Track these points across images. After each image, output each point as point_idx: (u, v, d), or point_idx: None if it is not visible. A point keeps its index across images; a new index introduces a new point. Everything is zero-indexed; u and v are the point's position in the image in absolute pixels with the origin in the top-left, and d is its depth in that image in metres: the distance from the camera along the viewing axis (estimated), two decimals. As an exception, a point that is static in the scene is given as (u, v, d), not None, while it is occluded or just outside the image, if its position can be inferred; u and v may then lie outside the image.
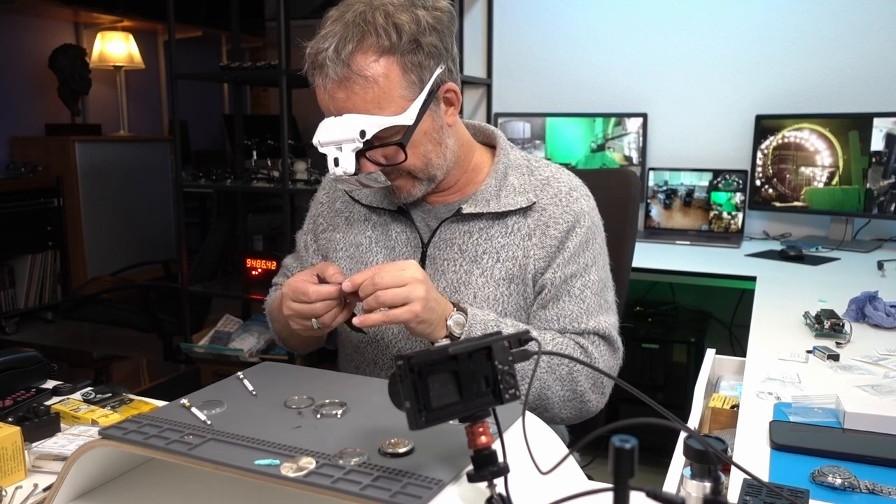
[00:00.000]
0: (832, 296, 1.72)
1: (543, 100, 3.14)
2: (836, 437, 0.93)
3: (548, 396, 1.12)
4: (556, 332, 1.14)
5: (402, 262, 1.03)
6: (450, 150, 1.13)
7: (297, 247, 1.37)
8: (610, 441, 0.47)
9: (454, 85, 1.10)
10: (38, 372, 1.14)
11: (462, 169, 1.19)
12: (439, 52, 1.06)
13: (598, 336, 1.16)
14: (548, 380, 1.11)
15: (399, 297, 0.98)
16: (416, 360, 0.61)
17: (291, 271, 1.35)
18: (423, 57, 1.04)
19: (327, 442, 0.70)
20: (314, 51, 1.04)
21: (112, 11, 4.52)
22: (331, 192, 1.32)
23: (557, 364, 1.11)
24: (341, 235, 1.26)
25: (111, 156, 4.45)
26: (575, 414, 1.15)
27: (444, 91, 1.09)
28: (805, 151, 2.62)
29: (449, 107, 1.11)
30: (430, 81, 1.05)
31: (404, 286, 0.99)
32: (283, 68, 2.71)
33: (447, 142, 1.12)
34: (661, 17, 2.92)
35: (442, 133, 1.11)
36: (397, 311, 0.99)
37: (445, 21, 1.07)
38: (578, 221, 1.17)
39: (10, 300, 4.08)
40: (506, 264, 1.15)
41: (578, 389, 1.13)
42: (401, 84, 1.03)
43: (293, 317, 1.07)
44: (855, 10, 2.66)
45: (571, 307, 1.15)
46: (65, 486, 0.72)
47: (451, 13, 1.09)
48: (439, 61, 1.06)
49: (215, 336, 3.03)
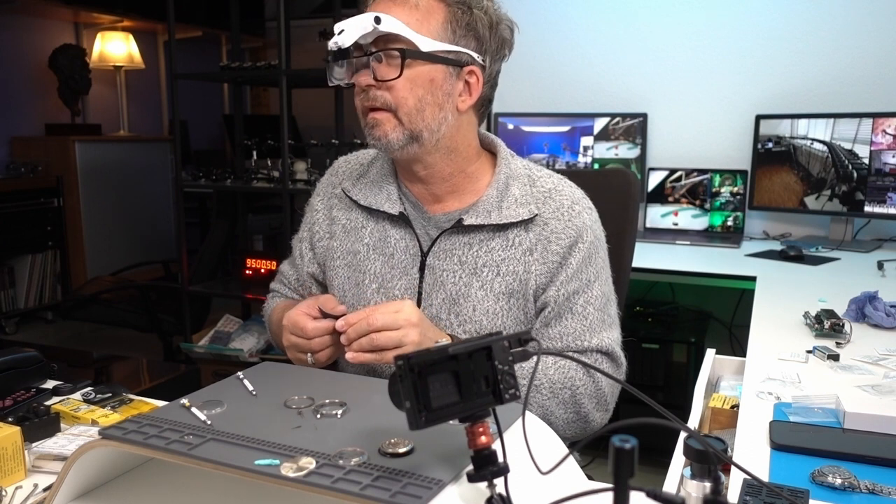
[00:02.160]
0: (832, 296, 1.72)
1: (543, 100, 3.14)
2: (836, 437, 0.93)
3: (551, 421, 1.10)
4: (557, 355, 1.13)
5: (398, 303, 1.03)
6: (446, 125, 1.10)
7: (293, 254, 1.35)
8: (610, 441, 0.47)
9: (480, 76, 1.11)
10: (38, 372, 1.14)
11: (462, 172, 1.16)
12: (481, 37, 1.09)
13: (601, 353, 1.14)
14: (550, 405, 1.10)
15: (392, 340, 0.99)
16: (415, 360, 0.61)
17: (288, 279, 1.35)
18: (466, 22, 1.07)
19: (327, 442, 0.70)
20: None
21: (112, 11, 4.52)
22: (325, 199, 1.29)
23: (560, 389, 1.10)
24: (339, 244, 1.24)
25: (111, 156, 4.45)
26: (579, 433, 1.14)
27: (467, 71, 1.10)
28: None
29: (465, 88, 1.11)
30: (461, 48, 1.08)
31: (398, 329, 0.99)
32: (283, 68, 2.71)
33: (447, 111, 1.10)
34: (662, 17, 2.92)
35: (444, 99, 1.09)
36: (389, 353, 0.99)
37: (502, 25, 1.12)
38: (581, 237, 1.14)
39: (10, 300, 4.08)
40: (506, 278, 1.13)
41: (582, 412, 1.11)
42: (437, 25, 1.06)
43: (291, 349, 1.09)
44: (855, 11, 2.65)
45: (574, 325, 1.13)
46: (65, 486, 0.72)
47: (510, 26, 1.14)
48: (478, 45, 1.09)
49: (215, 336, 3.03)
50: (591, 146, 2.96)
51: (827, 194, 2.61)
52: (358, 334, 0.99)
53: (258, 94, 5.18)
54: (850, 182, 2.56)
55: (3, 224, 3.89)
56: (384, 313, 0.99)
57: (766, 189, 2.72)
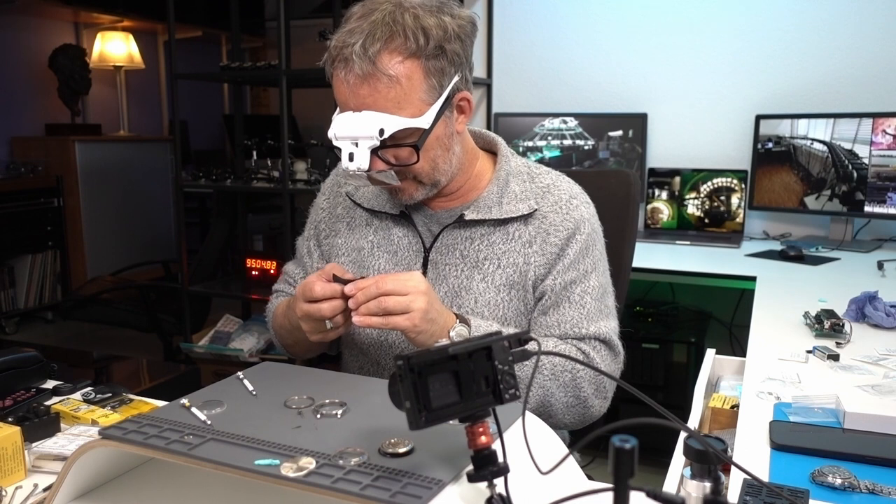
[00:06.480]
0: (832, 296, 1.72)
1: (543, 100, 3.14)
2: (836, 437, 0.93)
3: (551, 403, 1.12)
4: (558, 339, 1.15)
5: (408, 273, 1.04)
6: (456, 157, 1.14)
7: (298, 253, 1.37)
8: (610, 441, 0.47)
9: (469, 94, 1.12)
10: (38, 372, 1.14)
11: (465, 175, 1.19)
12: (460, 60, 1.07)
13: (599, 341, 1.16)
14: (551, 387, 1.11)
15: (400, 304, 1.00)
16: (416, 360, 0.61)
17: (294, 278, 1.36)
18: (445, 63, 1.05)
19: (327, 442, 0.70)
20: (340, 44, 1.03)
21: (112, 11, 4.52)
22: (331, 197, 1.32)
23: (561, 371, 1.12)
24: (343, 241, 1.27)
25: (111, 156, 4.45)
26: (578, 420, 1.16)
27: (458, 99, 1.10)
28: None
29: (460, 115, 1.13)
30: (449, 88, 1.06)
31: (407, 295, 1.00)
32: (283, 68, 2.71)
33: (454, 148, 1.13)
34: (662, 16, 2.92)
35: (451, 140, 1.12)
36: (397, 318, 1.00)
37: (468, 30, 1.09)
38: (578, 228, 1.17)
39: (10, 300, 4.08)
40: (506, 270, 1.16)
41: (581, 395, 1.13)
42: (422, 87, 1.04)
43: (304, 318, 1.07)
44: (855, 11, 2.65)
45: (572, 313, 1.15)
46: (65, 486, 0.72)
47: (473, 23, 1.11)
48: (458, 69, 1.08)
49: (215, 336, 3.03)
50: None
51: (827, 194, 2.61)
52: (367, 297, 1.00)
53: (258, 94, 5.18)
54: (850, 182, 2.56)
55: (3, 224, 3.89)
56: (394, 279, 1.01)
57: (766, 189, 2.72)
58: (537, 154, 2.98)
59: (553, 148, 2.97)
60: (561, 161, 2.96)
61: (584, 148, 2.94)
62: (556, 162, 2.96)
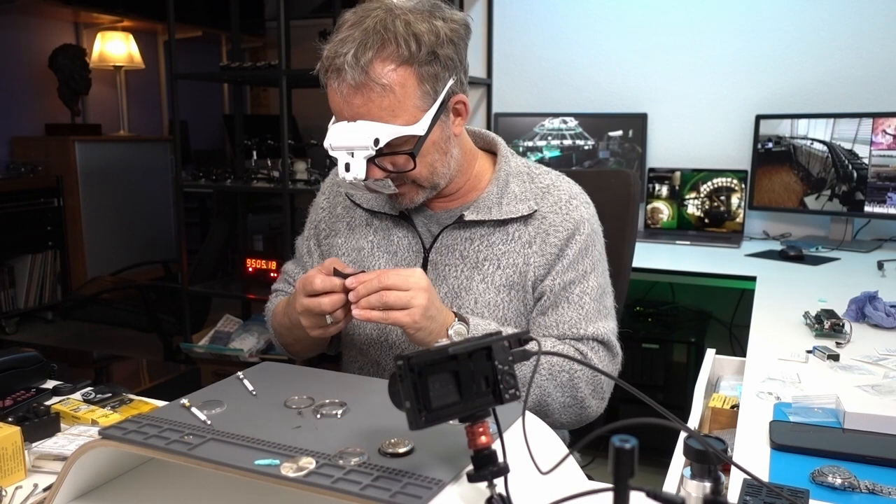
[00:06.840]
0: (832, 296, 1.72)
1: (543, 100, 3.14)
2: (836, 437, 0.93)
3: (548, 403, 1.12)
4: (556, 339, 1.15)
5: (410, 269, 1.04)
6: (454, 160, 1.14)
7: (298, 252, 1.37)
8: (610, 441, 0.47)
9: (464, 97, 1.11)
10: (38, 372, 1.14)
11: (465, 176, 1.19)
12: (454, 63, 1.07)
13: (597, 342, 1.16)
14: (548, 387, 1.11)
15: (401, 300, 0.99)
16: (415, 360, 0.61)
17: (293, 277, 1.35)
18: (438, 69, 1.04)
19: (327, 442, 0.70)
20: (332, 54, 1.03)
21: (112, 11, 4.52)
22: (331, 197, 1.32)
23: (558, 371, 1.12)
24: (343, 241, 1.26)
25: (111, 156, 4.45)
26: (574, 419, 1.16)
27: (454, 102, 1.10)
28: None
29: (457, 117, 1.12)
30: (443, 92, 1.06)
31: (408, 290, 1.00)
32: (283, 68, 2.71)
33: (452, 151, 1.13)
34: (661, 16, 2.92)
35: (449, 143, 1.11)
36: (397, 313, 1.00)
37: (461, 33, 1.08)
38: (578, 229, 1.17)
39: (10, 300, 4.08)
40: (506, 271, 1.16)
41: (579, 396, 1.13)
42: (416, 94, 1.03)
43: (304, 313, 1.07)
44: (855, 11, 2.65)
45: (570, 313, 1.15)
46: (65, 486, 0.72)
47: (467, 26, 1.10)
48: (453, 73, 1.07)
49: (215, 336, 3.03)
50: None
51: (827, 194, 2.61)
52: (368, 291, 1.00)
53: (258, 94, 5.17)
54: (850, 182, 2.56)
55: (3, 224, 3.89)
56: (396, 274, 1.01)
57: (766, 189, 2.72)
58: (537, 154, 2.99)
59: (553, 148, 2.97)
60: (561, 161, 2.96)
61: (584, 148, 2.95)
62: (556, 162, 2.96)
